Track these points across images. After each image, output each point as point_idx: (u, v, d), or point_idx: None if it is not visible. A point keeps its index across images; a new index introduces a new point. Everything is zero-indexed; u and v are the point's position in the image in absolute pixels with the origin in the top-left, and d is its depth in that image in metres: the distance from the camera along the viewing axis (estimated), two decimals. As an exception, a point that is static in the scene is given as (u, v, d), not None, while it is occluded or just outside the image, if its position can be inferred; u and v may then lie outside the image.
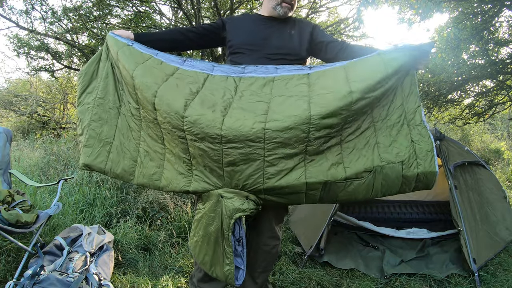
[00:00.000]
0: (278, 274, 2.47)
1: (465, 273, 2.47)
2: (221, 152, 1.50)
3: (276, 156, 1.50)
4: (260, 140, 1.48)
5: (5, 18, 5.53)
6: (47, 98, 9.67)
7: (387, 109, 1.63)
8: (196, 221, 1.69)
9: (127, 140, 1.78)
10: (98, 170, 1.79)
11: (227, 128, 1.47)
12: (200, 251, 1.69)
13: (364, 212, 3.72)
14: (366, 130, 1.61)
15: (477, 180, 3.07)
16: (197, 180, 1.62)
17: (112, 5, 6.00)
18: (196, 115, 1.52)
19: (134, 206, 3.25)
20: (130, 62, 1.71)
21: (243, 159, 1.50)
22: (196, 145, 1.54)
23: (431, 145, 1.58)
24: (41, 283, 1.83)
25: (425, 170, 1.56)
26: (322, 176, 1.54)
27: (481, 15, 5.28)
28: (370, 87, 1.54)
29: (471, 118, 7.29)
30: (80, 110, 1.84)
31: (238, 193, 1.56)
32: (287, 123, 1.48)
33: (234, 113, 1.54)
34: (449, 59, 5.43)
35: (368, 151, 1.59)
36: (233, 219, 1.57)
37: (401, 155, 1.57)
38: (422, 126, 1.60)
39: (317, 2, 7.09)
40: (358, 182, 1.56)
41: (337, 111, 1.49)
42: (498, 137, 9.86)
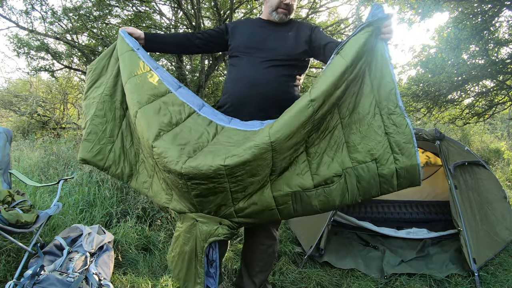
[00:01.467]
0: (278, 274, 2.47)
1: (465, 273, 2.47)
2: (187, 186, 1.47)
3: (242, 185, 1.44)
4: (221, 176, 1.40)
5: (5, 18, 5.53)
6: (47, 98, 9.67)
7: (354, 100, 1.47)
8: (175, 238, 1.71)
9: (129, 144, 1.78)
10: (95, 166, 1.78)
11: (187, 167, 1.41)
12: (175, 266, 1.72)
13: (364, 212, 3.72)
14: (334, 129, 1.48)
15: (477, 180, 3.07)
16: (175, 201, 1.64)
17: (112, 5, 6.00)
18: (162, 148, 1.47)
19: (134, 206, 3.25)
20: (126, 70, 1.70)
21: (210, 192, 1.47)
22: (166, 175, 1.53)
23: (409, 135, 1.39)
24: (41, 283, 1.83)
25: (404, 164, 1.39)
26: (288, 188, 1.47)
27: (481, 15, 5.28)
28: (331, 86, 1.38)
29: (471, 118, 7.29)
30: (85, 103, 1.82)
31: (211, 218, 1.57)
32: (246, 156, 1.36)
33: (200, 156, 1.47)
34: (449, 59, 5.43)
35: (336, 153, 1.46)
36: (207, 243, 1.59)
37: (373, 153, 1.42)
38: (397, 114, 1.40)
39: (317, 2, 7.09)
40: (329, 188, 1.45)
41: (299, 128, 1.38)
42: (498, 137, 9.86)
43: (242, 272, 2.03)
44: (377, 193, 1.48)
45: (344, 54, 1.41)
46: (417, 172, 1.40)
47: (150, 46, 1.87)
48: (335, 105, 1.45)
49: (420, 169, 1.40)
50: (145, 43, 1.85)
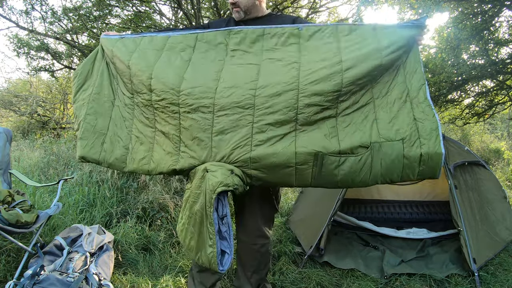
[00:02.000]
0: (278, 274, 2.47)
1: (465, 273, 2.47)
2: (211, 121, 1.54)
3: (265, 122, 1.50)
4: (250, 106, 1.51)
5: (5, 18, 5.53)
6: (47, 98, 9.66)
7: (388, 86, 1.58)
8: (184, 201, 1.65)
9: (120, 129, 1.84)
10: (93, 161, 1.85)
11: (219, 97, 1.53)
12: (186, 234, 1.60)
13: (364, 212, 3.72)
14: (365, 106, 1.56)
15: (477, 180, 3.07)
16: (184, 157, 1.63)
17: (112, 5, 5.99)
18: (190, 88, 1.58)
19: (134, 206, 3.25)
20: (124, 53, 1.79)
21: (232, 126, 1.53)
22: (189, 116, 1.58)
23: (436, 123, 1.48)
24: (41, 283, 1.83)
25: (429, 150, 1.46)
26: (312, 146, 1.48)
27: (481, 15, 5.28)
28: (361, 57, 1.51)
29: (471, 118, 7.28)
30: (76, 106, 1.92)
31: (223, 166, 1.52)
32: (275, 89, 1.49)
33: (226, 78, 1.58)
34: (449, 59, 5.42)
35: (366, 125, 1.52)
36: (216, 193, 1.47)
37: (401, 132, 1.49)
38: (426, 104, 1.51)
39: (317, 2, 7.09)
40: (354, 159, 1.47)
41: (326, 77, 1.49)
42: (498, 137, 9.85)
43: (239, 273, 2.02)
44: (398, 177, 1.51)
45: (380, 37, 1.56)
46: (440, 161, 1.46)
47: None
48: (366, 77, 1.53)
49: (443, 159, 1.47)
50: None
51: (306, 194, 3.55)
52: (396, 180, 1.52)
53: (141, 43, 1.82)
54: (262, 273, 1.98)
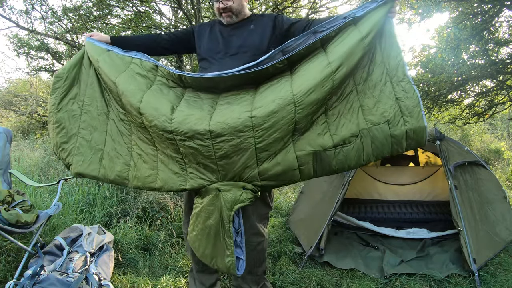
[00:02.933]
0: (278, 274, 2.47)
1: (465, 273, 2.47)
2: (211, 148, 1.53)
3: (267, 141, 1.52)
4: (248, 129, 1.50)
5: (5, 18, 5.52)
6: (47, 98, 9.65)
7: (367, 69, 1.61)
8: (195, 215, 1.70)
9: (118, 145, 1.77)
10: (91, 178, 1.79)
11: (214, 123, 1.51)
12: (200, 244, 1.70)
13: (364, 212, 3.72)
14: (349, 94, 1.61)
15: (477, 180, 3.07)
16: (193, 178, 1.64)
17: (112, 5, 5.99)
18: (183, 116, 1.55)
19: (134, 206, 3.25)
20: (111, 70, 1.72)
21: (234, 151, 1.53)
22: (186, 145, 1.56)
23: (417, 99, 1.55)
24: (41, 283, 1.83)
25: (413, 126, 1.54)
26: (310, 147, 1.56)
27: (481, 15, 5.28)
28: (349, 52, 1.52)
29: (471, 118, 7.28)
30: (61, 116, 1.79)
31: (234, 184, 1.59)
32: (271, 107, 1.49)
33: (221, 109, 1.57)
34: (449, 59, 5.43)
35: (352, 115, 1.58)
36: (233, 211, 1.59)
37: (386, 115, 1.56)
38: (405, 81, 1.56)
39: (317, 2, 7.09)
40: (347, 148, 1.56)
41: (319, 85, 1.50)
42: (498, 137, 9.85)
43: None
44: (388, 153, 1.61)
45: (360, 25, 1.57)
46: (424, 134, 1.55)
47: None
48: (352, 71, 1.57)
49: (426, 131, 1.56)
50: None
51: (306, 194, 3.55)
52: (387, 155, 1.62)
53: (131, 66, 1.73)
54: (257, 271, 1.97)
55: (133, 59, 1.77)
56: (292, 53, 1.58)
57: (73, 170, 1.79)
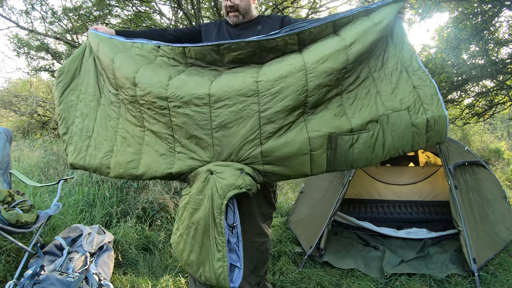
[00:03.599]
0: (278, 274, 2.47)
1: (465, 273, 2.47)
2: (209, 115, 1.38)
3: (274, 110, 1.36)
4: (253, 93, 1.36)
5: (5, 18, 5.53)
6: (47, 98, 9.66)
7: (381, 59, 1.57)
8: (181, 208, 1.46)
9: (104, 130, 1.73)
10: (80, 168, 1.76)
11: (215, 86, 1.38)
12: (184, 247, 1.44)
13: (364, 212, 3.72)
14: (365, 80, 1.54)
15: (477, 180, 3.07)
16: (181, 159, 1.47)
17: (112, 5, 6.00)
18: (181, 81, 1.46)
19: (134, 206, 3.25)
20: (111, 48, 1.70)
21: (235, 119, 1.36)
22: (181, 112, 1.42)
23: (435, 88, 1.49)
24: (41, 283, 1.83)
25: (433, 114, 1.47)
26: (325, 128, 1.42)
27: (481, 15, 5.28)
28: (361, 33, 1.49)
29: (471, 118, 7.28)
30: (62, 108, 1.80)
31: (230, 165, 1.38)
32: (280, 72, 1.38)
33: (224, 77, 1.48)
34: (449, 59, 5.43)
35: (370, 100, 1.51)
36: (226, 198, 1.33)
37: (405, 102, 1.49)
38: (421, 71, 1.52)
39: (317, 2, 7.10)
40: (366, 134, 1.45)
41: (333, 54, 1.42)
42: (498, 137, 9.85)
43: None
44: (409, 147, 1.50)
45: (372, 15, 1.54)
46: (445, 124, 1.47)
47: None
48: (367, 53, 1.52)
49: (447, 121, 1.47)
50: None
51: (306, 194, 3.55)
52: (408, 151, 1.52)
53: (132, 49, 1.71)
54: (260, 271, 1.95)
55: (134, 43, 1.73)
56: (303, 28, 1.49)
57: (68, 161, 1.77)
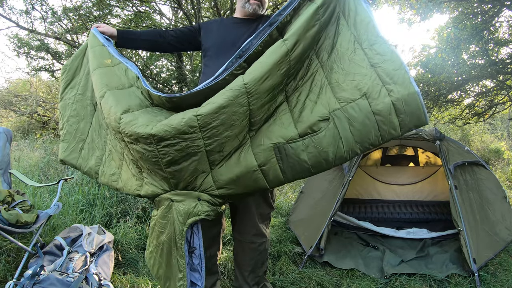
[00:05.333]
0: (278, 274, 2.47)
1: (465, 273, 2.47)
2: (157, 153, 1.34)
3: (219, 142, 1.30)
4: (194, 129, 1.28)
5: (5, 18, 5.52)
6: (47, 98, 9.66)
7: (331, 42, 1.36)
8: (151, 228, 1.55)
9: (98, 137, 1.76)
10: (71, 166, 1.81)
11: (158, 126, 1.32)
12: (154, 263, 1.55)
13: (364, 212, 3.72)
14: (314, 74, 1.37)
15: (477, 180, 3.07)
16: (147, 184, 1.51)
17: (112, 5, 5.99)
18: (131, 117, 1.41)
19: (134, 206, 3.25)
20: (95, 61, 1.69)
21: (182, 156, 1.33)
22: (134, 148, 1.42)
23: (398, 61, 1.25)
24: (41, 283, 1.83)
25: (400, 95, 1.23)
26: (268, 140, 1.31)
27: (481, 15, 5.28)
28: (302, 27, 1.30)
29: (471, 118, 7.29)
30: (61, 105, 1.85)
31: (188, 194, 1.41)
32: (219, 101, 1.26)
33: (173, 116, 1.39)
34: (449, 59, 5.44)
35: (319, 96, 1.33)
36: (186, 225, 1.41)
37: (361, 87, 1.27)
38: (379, 43, 1.28)
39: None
40: (317, 136, 1.29)
41: (274, 68, 1.27)
42: (498, 137, 9.85)
43: (236, 273, 2.00)
44: (378, 138, 1.28)
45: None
46: (418, 102, 1.23)
47: (123, 44, 1.90)
48: (311, 47, 1.35)
49: (421, 98, 1.23)
50: (118, 41, 1.87)
51: (306, 194, 3.55)
52: (377, 143, 1.30)
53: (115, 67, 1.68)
54: (259, 271, 1.95)
55: (121, 63, 1.70)
56: (248, 53, 1.35)
57: (59, 156, 1.82)
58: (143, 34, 1.98)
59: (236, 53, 1.39)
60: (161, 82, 5.68)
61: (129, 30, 1.99)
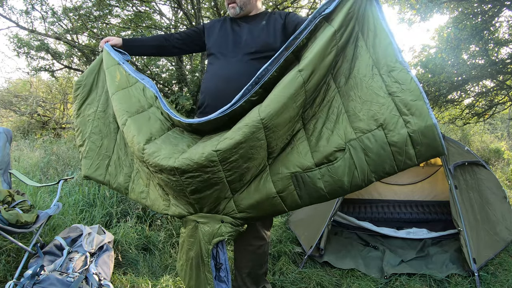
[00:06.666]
0: (278, 274, 2.47)
1: (465, 273, 2.47)
2: (181, 183, 1.42)
3: (238, 172, 1.36)
4: (215, 163, 1.33)
5: (5, 18, 5.52)
6: (47, 98, 9.67)
7: (349, 66, 1.34)
8: (180, 245, 1.68)
9: (124, 155, 1.79)
10: (97, 182, 1.85)
11: (179, 159, 1.37)
12: (185, 275, 1.67)
13: (364, 212, 3.72)
14: (331, 101, 1.36)
15: (477, 180, 3.07)
16: (173, 205, 1.60)
17: (112, 5, 5.99)
18: (154, 148, 1.46)
19: (134, 206, 3.25)
20: (112, 84, 1.72)
21: (204, 186, 1.40)
22: (158, 176, 1.50)
23: (417, 91, 1.20)
24: (41, 283, 1.83)
25: (417, 127, 1.20)
26: (286, 169, 1.35)
27: (481, 15, 5.28)
28: (319, 54, 1.28)
29: (471, 118, 7.29)
30: (80, 121, 1.86)
31: (212, 217, 1.52)
32: (237, 137, 1.29)
33: (194, 147, 1.46)
34: (449, 59, 5.44)
35: (336, 125, 1.32)
36: (211, 244, 1.53)
37: (377, 118, 1.24)
38: (398, 70, 1.23)
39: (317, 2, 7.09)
40: (333, 166, 1.31)
41: (289, 101, 1.27)
42: (498, 137, 9.85)
43: (235, 273, 2.00)
44: (393, 168, 1.27)
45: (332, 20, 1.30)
46: (435, 134, 1.19)
47: (129, 51, 1.91)
48: (328, 73, 1.34)
49: (438, 130, 1.20)
50: (124, 49, 1.89)
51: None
52: (393, 172, 1.28)
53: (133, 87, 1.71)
54: (258, 273, 1.94)
55: (138, 82, 1.74)
56: (264, 79, 1.35)
57: (82, 173, 1.85)
58: (148, 40, 1.99)
59: (252, 80, 1.40)
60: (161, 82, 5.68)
61: (134, 38, 2.02)
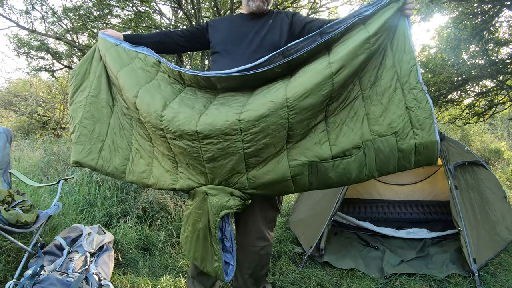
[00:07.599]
0: (278, 274, 2.47)
1: (465, 273, 2.47)
2: (199, 149, 1.46)
3: (256, 147, 1.42)
4: (236, 132, 1.40)
5: (5, 18, 5.53)
6: (47, 98, 9.66)
7: (375, 73, 1.46)
8: (185, 217, 1.69)
9: (119, 138, 1.79)
10: (88, 167, 1.81)
11: (202, 124, 1.43)
12: (190, 247, 1.69)
13: (364, 212, 3.72)
14: (354, 100, 1.46)
15: (477, 180, 3.07)
16: (183, 178, 1.62)
17: (112, 5, 6.00)
18: (173, 113, 1.50)
19: (134, 206, 3.25)
20: (115, 63, 1.73)
21: (222, 154, 1.45)
22: (176, 143, 1.52)
23: (429, 111, 1.39)
24: (41, 283, 1.83)
25: (423, 140, 1.40)
26: (305, 157, 1.44)
27: (481, 15, 5.28)
28: (351, 53, 1.37)
29: (471, 118, 7.28)
30: (72, 108, 1.86)
31: (222, 189, 1.54)
32: (261, 110, 1.37)
33: (212, 109, 1.50)
34: (449, 59, 5.43)
35: (356, 124, 1.45)
36: (219, 216, 1.55)
37: (394, 126, 1.41)
38: (418, 89, 1.41)
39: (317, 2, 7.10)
40: (347, 160, 1.43)
41: (316, 88, 1.36)
42: (498, 137, 9.85)
43: (236, 274, 1.97)
44: (394, 169, 1.46)
45: (368, 24, 1.41)
46: (435, 150, 1.40)
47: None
48: (356, 74, 1.44)
49: (439, 146, 1.41)
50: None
51: (306, 194, 3.55)
52: (393, 172, 1.48)
53: (135, 60, 1.74)
54: (259, 274, 1.93)
55: (138, 53, 1.77)
56: (292, 56, 1.44)
57: (71, 158, 1.81)
58: (148, 36, 1.97)
59: (280, 49, 1.46)
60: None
61: (135, 34, 2.01)
